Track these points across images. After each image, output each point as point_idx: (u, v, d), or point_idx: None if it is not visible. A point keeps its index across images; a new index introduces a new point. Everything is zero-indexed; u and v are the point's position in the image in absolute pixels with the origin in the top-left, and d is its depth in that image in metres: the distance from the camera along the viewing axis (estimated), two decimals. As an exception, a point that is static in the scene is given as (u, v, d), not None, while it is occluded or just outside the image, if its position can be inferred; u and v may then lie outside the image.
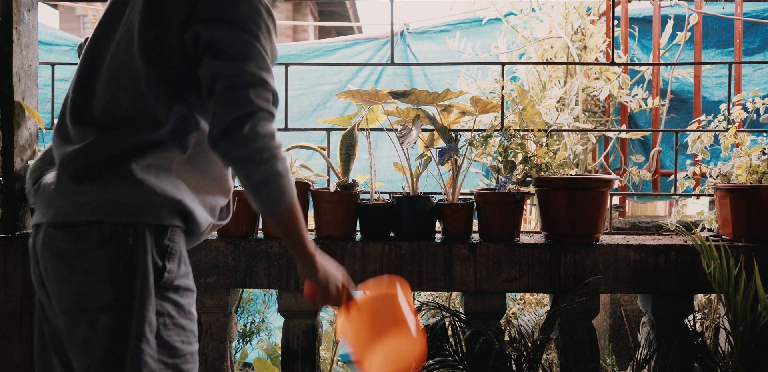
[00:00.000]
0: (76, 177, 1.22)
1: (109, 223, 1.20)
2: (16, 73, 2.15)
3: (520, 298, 2.90)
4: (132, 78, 1.25)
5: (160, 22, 1.24)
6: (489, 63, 2.44)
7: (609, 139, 3.10)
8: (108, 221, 1.20)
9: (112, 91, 1.26)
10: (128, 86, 1.25)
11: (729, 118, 2.22)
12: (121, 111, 1.24)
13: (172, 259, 1.24)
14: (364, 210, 2.06)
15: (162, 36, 1.24)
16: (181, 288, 1.26)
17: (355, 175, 2.17)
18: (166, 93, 1.25)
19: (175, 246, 1.25)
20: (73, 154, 1.23)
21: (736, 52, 2.94)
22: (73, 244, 1.20)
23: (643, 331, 2.11)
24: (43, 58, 3.35)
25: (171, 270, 1.24)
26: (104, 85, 1.28)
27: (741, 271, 1.86)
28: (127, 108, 1.24)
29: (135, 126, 1.23)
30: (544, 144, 2.20)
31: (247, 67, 1.21)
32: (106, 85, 1.27)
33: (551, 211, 2.00)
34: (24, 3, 2.18)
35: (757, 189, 1.98)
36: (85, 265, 1.20)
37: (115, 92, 1.26)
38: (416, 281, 2.00)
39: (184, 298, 1.27)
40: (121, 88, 1.26)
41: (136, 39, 1.25)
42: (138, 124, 1.23)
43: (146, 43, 1.24)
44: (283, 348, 2.07)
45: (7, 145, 2.14)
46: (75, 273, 1.20)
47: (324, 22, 11.79)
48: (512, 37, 3.21)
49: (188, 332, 1.26)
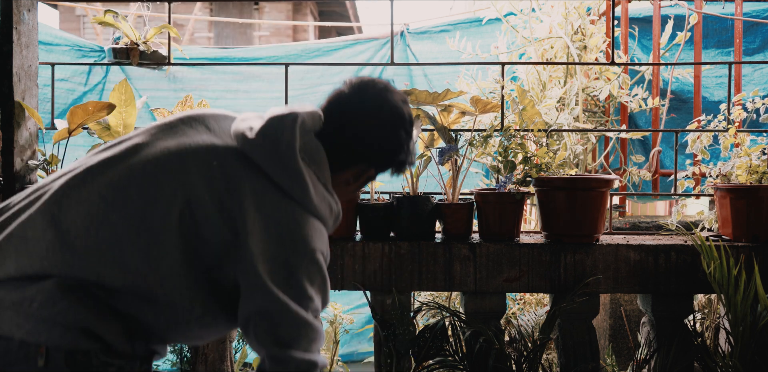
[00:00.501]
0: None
1: (17, 341, 1.06)
2: (16, 73, 2.15)
3: (520, 298, 2.90)
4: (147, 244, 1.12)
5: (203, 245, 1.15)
6: (489, 63, 2.44)
7: (609, 139, 3.09)
8: (17, 338, 1.06)
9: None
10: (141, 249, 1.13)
11: (729, 118, 2.22)
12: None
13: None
14: (364, 210, 2.06)
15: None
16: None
17: (355, 175, 2.17)
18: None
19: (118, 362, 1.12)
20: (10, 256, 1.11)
21: (736, 52, 2.94)
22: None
23: (643, 331, 2.11)
24: (43, 58, 3.35)
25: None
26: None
27: (741, 271, 1.86)
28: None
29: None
30: (544, 144, 2.20)
31: (296, 354, 1.14)
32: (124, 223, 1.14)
33: (551, 211, 2.00)
34: (24, 3, 2.18)
35: (757, 189, 1.98)
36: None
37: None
38: (416, 281, 2.00)
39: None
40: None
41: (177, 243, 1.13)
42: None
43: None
44: (283, 348, 2.07)
45: (7, 145, 2.14)
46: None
47: (324, 22, 11.79)
48: (512, 37, 3.21)
49: None
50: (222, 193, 1.14)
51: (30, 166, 2.19)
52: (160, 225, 1.12)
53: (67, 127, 2.12)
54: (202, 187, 1.14)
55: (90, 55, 3.62)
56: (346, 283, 2.00)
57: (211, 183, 1.15)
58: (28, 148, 2.21)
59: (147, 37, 2.33)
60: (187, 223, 1.13)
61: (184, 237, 1.12)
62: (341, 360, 3.14)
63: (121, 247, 1.11)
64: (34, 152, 2.23)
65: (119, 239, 1.11)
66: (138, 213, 1.12)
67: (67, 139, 2.16)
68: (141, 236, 1.11)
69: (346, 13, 13.52)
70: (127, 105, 2.13)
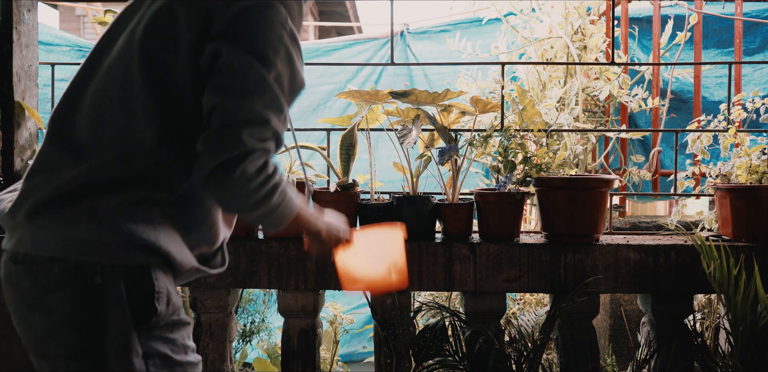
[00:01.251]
0: (34, 211, 1.10)
1: (74, 261, 1.07)
2: (16, 73, 2.15)
3: (520, 298, 2.90)
4: (124, 99, 1.12)
5: (167, 37, 1.12)
6: (489, 63, 2.44)
7: (609, 139, 3.09)
8: (72, 259, 1.07)
9: (97, 111, 1.13)
10: (118, 108, 1.12)
11: (729, 118, 2.22)
12: (105, 136, 1.12)
13: (161, 299, 1.12)
14: (364, 210, 2.06)
15: (167, 54, 1.12)
16: (172, 324, 1.16)
17: (355, 175, 2.17)
18: (160, 122, 1.12)
19: (159, 284, 1.12)
20: (38, 185, 1.12)
21: (736, 52, 2.94)
22: (33, 282, 1.08)
23: (643, 331, 2.11)
24: (43, 58, 3.35)
25: (160, 312, 1.12)
26: (90, 104, 1.15)
27: (741, 271, 1.86)
28: (112, 133, 1.12)
29: (117, 156, 1.11)
30: (544, 144, 2.20)
31: (249, 104, 1.08)
32: (92, 104, 1.15)
33: (551, 211, 2.00)
34: (24, 3, 2.18)
35: (757, 189, 1.98)
36: (46, 306, 1.08)
37: (101, 113, 1.13)
38: (416, 281, 2.00)
39: (176, 333, 1.17)
40: (109, 109, 1.13)
41: (137, 55, 1.12)
42: (121, 154, 1.11)
43: (148, 60, 1.12)
44: (283, 348, 2.07)
45: (7, 145, 2.14)
46: (36, 314, 1.09)
47: (324, 22, 11.79)
48: (512, 37, 3.21)
49: (185, 366, 1.18)
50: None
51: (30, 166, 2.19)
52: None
53: (67, 127, 2.12)
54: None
55: (90, 55, 3.62)
56: (346, 283, 2.00)
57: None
58: (28, 148, 2.21)
59: (147, 37, 2.32)
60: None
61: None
62: (341, 360, 3.14)
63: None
64: (34, 152, 2.23)
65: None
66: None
67: (67, 139, 2.16)
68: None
69: (346, 13, 13.51)
70: (127, 105, 2.13)
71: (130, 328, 1.08)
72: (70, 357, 1.08)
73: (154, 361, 1.12)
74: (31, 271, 1.09)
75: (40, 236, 1.09)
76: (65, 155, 1.13)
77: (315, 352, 2.06)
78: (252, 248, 2.01)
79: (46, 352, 1.09)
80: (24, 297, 1.10)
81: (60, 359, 1.08)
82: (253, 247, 2.01)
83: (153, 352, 1.12)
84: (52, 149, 1.15)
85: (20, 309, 1.12)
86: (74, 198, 1.09)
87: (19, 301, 1.11)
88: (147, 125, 1.11)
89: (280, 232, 2.05)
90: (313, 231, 1.33)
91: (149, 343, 1.11)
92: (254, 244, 2.01)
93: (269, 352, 3.08)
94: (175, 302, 1.17)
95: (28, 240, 1.10)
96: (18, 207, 1.12)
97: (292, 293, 2.04)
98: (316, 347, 2.07)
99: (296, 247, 2.00)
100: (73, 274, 1.07)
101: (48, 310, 1.08)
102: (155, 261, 1.12)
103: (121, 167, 1.11)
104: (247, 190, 1.08)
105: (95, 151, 1.11)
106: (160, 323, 1.13)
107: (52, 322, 1.08)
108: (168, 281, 1.16)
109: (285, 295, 2.04)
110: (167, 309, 1.14)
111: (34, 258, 1.09)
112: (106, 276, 1.07)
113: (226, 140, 1.07)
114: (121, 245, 1.08)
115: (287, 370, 2.05)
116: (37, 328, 1.09)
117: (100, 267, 1.07)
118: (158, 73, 1.12)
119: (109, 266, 1.08)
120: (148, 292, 1.11)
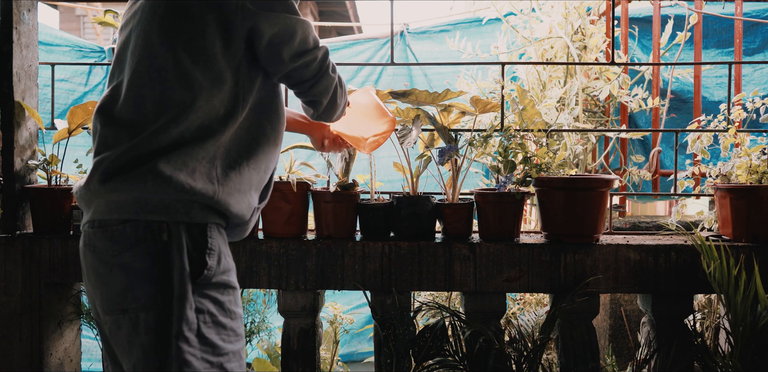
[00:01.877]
0: (106, 177, 1.22)
1: (143, 221, 1.20)
2: (16, 73, 2.15)
3: (520, 298, 2.90)
4: (153, 73, 1.25)
5: (182, 11, 1.26)
6: (489, 63, 2.44)
7: (609, 139, 3.09)
8: (141, 219, 1.20)
9: (135, 92, 1.26)
10: (151, 82, 1.24)
11: (729, 118, 2.22)
12: (148, 110, 1.24)
13: (212, 256, 1.24)
14: (364, 210, 2.06)
15: (185, 23, 1.26)
16: (222, 284, 1.26)
17: (355, 175, 2.17)
18: (198, 80, 1.24)
19: (213, 242, 1.25)
20: (105, 157, 1.23)
21: (736, 52, 2.94)
22: (109, 242, 1.21)
23: (643, 331, 2.11)
24: (43, 58, 3.35)
25: (211, 267, 1.24)
26: (127, 88, 1.27)
27: (741, 271, 1.86)
28: (153, 105, 1.24)
29: (166, 122, 1.23)
30: (544, 144, 2.20)
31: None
32: (128, 88, 1.26)
33: (551, 211, 2.00)
34: (24, 3, 2.18)
35: (757, 189, 1.98)
36: (122, 263, 1.20)
37: (138, 92, 1.25)
38: (416, 281, 2.00)
39: (225, 295, 1.27)
40: (143, 86, 1.25)
41: (158, 28, 1.26)
42: (168, 120, 1.23)
43: (170, 28, 1.26)
44: (283, 348, 2.07)
45: (7, 145, 2.14)
46: (113, 272, 1.21)
47: (324, 22, 11.79)
48: (512, 37, 3.21)
49: (229, 330, 1.26)
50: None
51: (30, 166, 2.19)
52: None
53: (67, 127, 2.12)
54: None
55: (90, 56, 3.62)
56: (346, 283, 2.00)
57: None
58: (28, 148, 2.21)
59: (147, 37, 2.32)
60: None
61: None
62: (341, 360, 3.14)
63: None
64: (34, 152, 2.23)
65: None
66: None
67: (67, 139, 2.16)
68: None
69: (346, 13, 13.51)
70: (127, 105, 2.13)
71: (187, 281, 1.20)
72: (148, 308, 1.19)
73: (204, 317, 1.22)
74: (107, 233, 1.22)
75: (112, 202, 1.21)
76: (121, 132, 1.24)
77: (315, 352, 2.06)
78: (252, 248, 2.01)
79: (126, 307, 1.20)
80: (101, 258, 1.22)
81: (139, 311, 1.19)
82: (253, 247, 2.01)
83: (203, 309, 1.22)
84: (108, 130, 1.26)
85: (98, 270, 1.23)
86: (139, 161, 1.21)
87: (97, 262, 1.23)
88: (184, 89, 1.24)
89: (281, 233, 2.06)
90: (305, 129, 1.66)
91: (200, 299, 1.22)
92: (254, 244, 2.01)
93: (269, 352, 3.08)
94: (225, 263, 1.28)
95: (102, 207, 1.23)
96: (91, 177, 1.24)
97: (292, 293, 2.04)
98: (316, 347, 2.07)
99: (296, 246, 2.00)
100: (143, 233, 1.20)
101: (125, 267, 1.20)
102: (213, 220, 1.25)
103: (174, 130, 1.22)
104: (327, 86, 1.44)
105: (146, 124, 1.23)
106: (210, 280, 1.24)
107: (129, 277, 1.20)
108: (222, 241, 1.28)
109: (285, 295, 2.04)
110: (218, 267, 1.25)
111: (108, 222, 1.22)
112: (171, 233, 1.20)
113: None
114: (183, 202, 1.21)
115: (287, 370, 2.05)
116: (116, 285, 1.21)
117: (165, 225, 1.20)
118: (181, 42, 1.24)
119: (173, 223, 1.21)
120: (202, 248, 1.23)
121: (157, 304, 1.18)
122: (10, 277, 2.08)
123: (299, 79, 1.35)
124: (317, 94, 1.39)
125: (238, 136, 1.30)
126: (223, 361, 1.23)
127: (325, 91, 1.39)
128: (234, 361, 1.26)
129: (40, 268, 2.07)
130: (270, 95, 1.38)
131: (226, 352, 1.24)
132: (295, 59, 1.31)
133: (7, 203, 2.13)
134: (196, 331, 1.20)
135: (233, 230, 1.36)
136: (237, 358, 1.27)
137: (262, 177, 1.36)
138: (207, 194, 1.22)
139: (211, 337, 1.22)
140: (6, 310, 2.08)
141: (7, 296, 2.08)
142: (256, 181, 1.35)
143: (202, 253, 1.23)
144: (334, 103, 1.43)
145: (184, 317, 1.18)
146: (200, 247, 1.23)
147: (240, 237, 1.41)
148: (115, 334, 1.22)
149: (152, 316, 1.18)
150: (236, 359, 1.27)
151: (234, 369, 1.25)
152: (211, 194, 1.23)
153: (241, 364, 1.28)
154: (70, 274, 2.06)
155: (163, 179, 1.19)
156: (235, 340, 1.27)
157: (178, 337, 1.18)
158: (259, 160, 1.34)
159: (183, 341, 1.18)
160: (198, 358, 1.19)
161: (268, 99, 1.37)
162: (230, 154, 1.28)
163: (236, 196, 1.28)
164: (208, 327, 1.22)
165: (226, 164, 1.27)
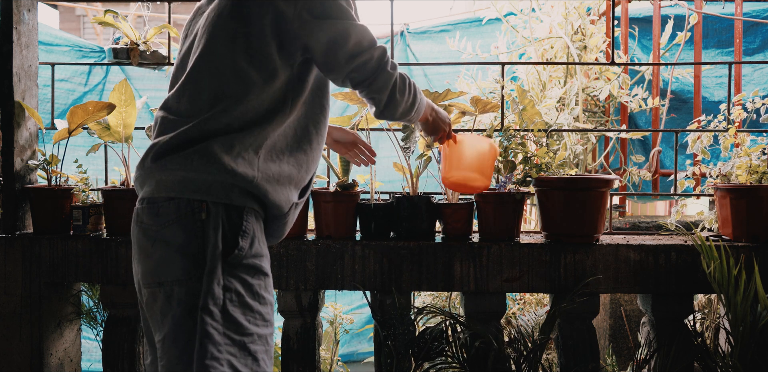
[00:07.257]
0: (158, 156, 1.30)
1: (186, 199, 1.27)
2: (16, 73, 2.15)
3: (520, 298, 2.90)
4: (212, 69, 1.33)
5: (238, 13, 1.34)
6: (489, 63, 2.44)
7: (609, 139, 3.09)
8: (184, 197, 1.27)
9: (193, 85, 1.35)
10: (213, 74, 1.32)
11: (729, 118, 2.22)
12: (203, 100, 1.32)
13: (245, 237, 1.30)
14: (364, 210, 2.06)
15: (239, 24, 1.33)
16: (252, 268, 1.31)
17: (355, 175, 2.17)
18: (252, 78, 1.32)
19: (248, 225, 1.31)
20: (160, 140, 1.32)
21: (736, 52, 2.94)
22: (154, 218, 1.29)
23: (643, 331, 2.11)
24: (43, 58, 3.35)
25: (242, 247, 1.29)
26: (184, 81, 1.36)
27: (741, 271, 1.86)
28: (208, 96, 1.32)
29: (219, 111, 1.30)
30: (544, 144, 2.20)
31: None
32: (186, 81, 1.36)
33: (551, 211, 2.00)
34: (24, 3, 2.18)
35: (757, 189, 1.98)
36: (163, 238, 1.27)
37: (197, 84, 1.34)
38: (416, 281, 2.00)
39: (254, 279, 1.31)
40: (202, 80, 1.33)
41: (219, 29, 1.34)
42: (221, 109, 1.31)
43: (231, 28, 1.33)
44: (282, 348, 2.07)
45: (7, 145, 2.14)
46: (155, 246, 1.28)
47: (324, 22, 11.72)
48: (512, 37, 3.21)
49: (256, 313, 1.29)
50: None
51: (30, 166, 2.19)
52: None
53: (67, 127, 2.12)
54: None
55: (90, 56, 3.62)
56: (346, 284, 2.00)
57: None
58: (28, 148, 2.21)
59: (147, 37, 2.33)
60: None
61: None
62: (341, 360, 3.13)
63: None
64: (34, 152, 2.23)
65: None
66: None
67: (67, 139, 2.16)
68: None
69: (346, 13, 13.48)
70: (127, 105, 2.14)
71: (218, 258, 1.25)
72: (181, 282, 1.25)
73: (231, 295, 1.27)
74: (153, 209, 1.29)
75: (162, 180, 1.29)
76: (179, 121, 1.33)
77: (315, 352, 2.06)
78: (252, 248, 2.01)
79: (162, 279, 1.27)
80: (147, 232, 1.30)
81: (173, 284, 1.26)
82: (253, 247, 2.01)
83: (231, 287, 1.27)
84: (167, 120, 1.35)
85: (143, 245, 1.30)
86: (189, 143, 1.29)
87: (142, 237, 1.30)
88: (237, 85, 1.32)
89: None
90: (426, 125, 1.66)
91: (230, 278, 1.27)
92: (254, 244, 2.01)
93: (269, 352, 3.08)
94: (258, 248, 1.33)
95: (152, 186, 1.30)
96: (146, 156, 1.33)
97: (292, 293, 2.04)
98: (316, 347, 2.07)
99: (296, 246, 2.00)
100: (185, 210, 1.27)
101: (165, 241, 1.27)
102: (251, 205, 1.32)
103: (224, 119, 1.30)
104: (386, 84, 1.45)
105: (200, 113, 1.32)
106: (241, 261, 1.29)
107: (168, 252, 1.26)
108: (258, 228, 1.34)
109: (285, 295, 2.04)
110: (249, 249, 1.30)
111: (156, 199, 1.30)
112: (210, 212, 1.27)
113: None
114: (225, 185, 1.28)
115: (287, 370, 2.05)
116: (156, 259, 1.27)
117: (206, 204, 1.27)
118: (240, 43, 1.32)
119: (213, 203, 1.27)
120: (237, 229, 1.29)
121: (190, 278, 1.24)
122: (10, 277, 2.08)
123: (358, 79, 1.40)
124: (375, 91, 1.42)
125: (284, 132, 1.37)
126: (246, 340, 1.27)
127: (384, 87, 1.42)
128: (259, 344, 1.29)
129: (40, 268, 2.07)
130: (320, 100, 1.45)
131: (250, 333, 1.28)
132: (351, 61, 1.36)
133: (7, 203, 2.13)
134: (221, 306, 1.25)
135: (272, 224, 1.41)
136: (263, 342, 1.30)
137: (303, 176, 1.42)
138: (246, 177, 1.29)
139: (236, 315, 1.26)
140: (6, 310, 2.08)
141: (7, 296, 2.08)
142: (297, 178, 1.40)
143: (236, 234, 1.29)
144: (393, 99, 1.45)
145: (210, 291, 1.23)
146: (235, 228, 1.29)
147: (279, 236, 1.45)
148: (151, 307, 1.28)
149: (185, 290, 1.24)
150: (262, 343, 1.30)
151: (258, 351, 1.29)
152: (250, 178, 1.29)
153: (267, 350, 1.31)
154: (70, 274, 2.06)
155: (208, 158, 1.27)
156: (262, 325, 1.30)
157: (204, 309, 1.23)
158: (300, 159, 1.41)
159: (207, 314, 1.23)
160: (220, 333, 1.24)
161: (318, 102, 1.45)
162: (274, 148, 1.35)
163: (274, 184, 1.34)
164: (234, 305, 1.26)
165: (268, 156, 1.34)
